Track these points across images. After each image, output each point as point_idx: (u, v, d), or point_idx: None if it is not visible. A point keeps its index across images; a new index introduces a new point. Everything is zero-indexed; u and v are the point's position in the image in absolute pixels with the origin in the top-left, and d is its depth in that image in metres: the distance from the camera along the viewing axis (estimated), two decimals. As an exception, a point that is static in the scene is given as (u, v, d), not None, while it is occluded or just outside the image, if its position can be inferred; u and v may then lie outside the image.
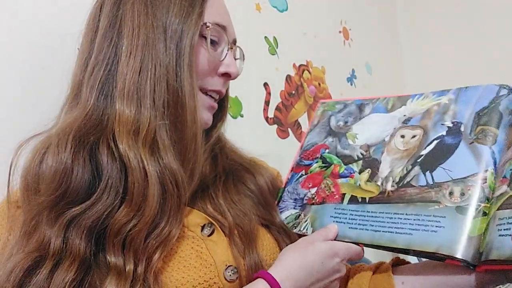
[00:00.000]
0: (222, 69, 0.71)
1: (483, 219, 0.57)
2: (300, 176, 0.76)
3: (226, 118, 0.80)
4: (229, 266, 0.61)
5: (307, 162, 0.77)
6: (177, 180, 0.60)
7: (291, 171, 0.78)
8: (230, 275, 0.61)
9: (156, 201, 0.58)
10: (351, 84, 1.70)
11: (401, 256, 0.70)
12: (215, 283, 0.60)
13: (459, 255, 0.56)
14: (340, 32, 1.70)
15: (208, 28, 0.68)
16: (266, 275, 0.59)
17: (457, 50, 1.93)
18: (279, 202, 0.76)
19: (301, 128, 1.43)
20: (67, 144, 0.59)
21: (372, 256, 1.01)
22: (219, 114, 0.77)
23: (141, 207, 0.57)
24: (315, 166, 0.75)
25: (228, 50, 0.71)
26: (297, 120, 1.43)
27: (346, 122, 0.77)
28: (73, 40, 0.73)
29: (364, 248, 0.66)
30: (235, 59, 0.75)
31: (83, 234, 0.56)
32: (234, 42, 0.75)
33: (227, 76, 0.72)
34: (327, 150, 0.76)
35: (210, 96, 0.71)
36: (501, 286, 0.61)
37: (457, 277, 0.61)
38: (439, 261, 0.60)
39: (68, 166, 0.58)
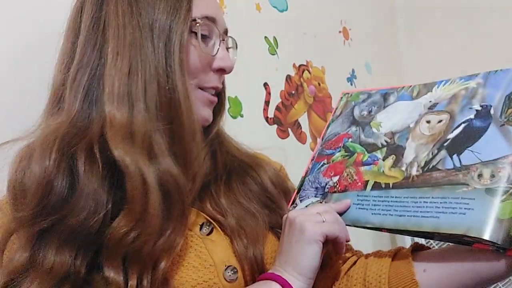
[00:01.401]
0: (216, 65, 0.68)
1: None
2: (322, 165, 0.74)
3: (225, 113, 0.78)
4: (228, 266, 0.61)
5: (329, 152, 0.75)
6: (179, 186, 0.58)
7: (312, 160, 0.77)
8: (230, 275, 0.61)
9: (158, 208, 0.55)
10: (351, 84, 1.70)
11: (423, 241, 0.66)
12: (215, 283, 0.59)
13: (489, 237, 0.54)
14: (340, 32, 1.70)
15: (197, 24, 0.65)
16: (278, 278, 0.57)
17: (457, 50, 1.93)
18: (299, 191, 0.75)
19: (301, 128, 1.43)
20: (51, 154, 0.56)
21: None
22: (217, 109, 0.75)
23: (143, 216, 0.54)
24: (338, 155, 0.74)
25: (220, 43, 0.69)
26: (297, 120, 1.42)
27: (370, 111, 0.75)
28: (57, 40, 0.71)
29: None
30: (227, 49, 0.72)
31: (57, 248, 0.53)
32: (226, 32, 0.72)
33: (222, 71, 0.70)
34: (350, 139, 0.74)
35: (208, 92, 0.69)
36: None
37: (485, 262, 0.58)
38: (465, 245, 0.58)
39: (51, 177, 0.55)
